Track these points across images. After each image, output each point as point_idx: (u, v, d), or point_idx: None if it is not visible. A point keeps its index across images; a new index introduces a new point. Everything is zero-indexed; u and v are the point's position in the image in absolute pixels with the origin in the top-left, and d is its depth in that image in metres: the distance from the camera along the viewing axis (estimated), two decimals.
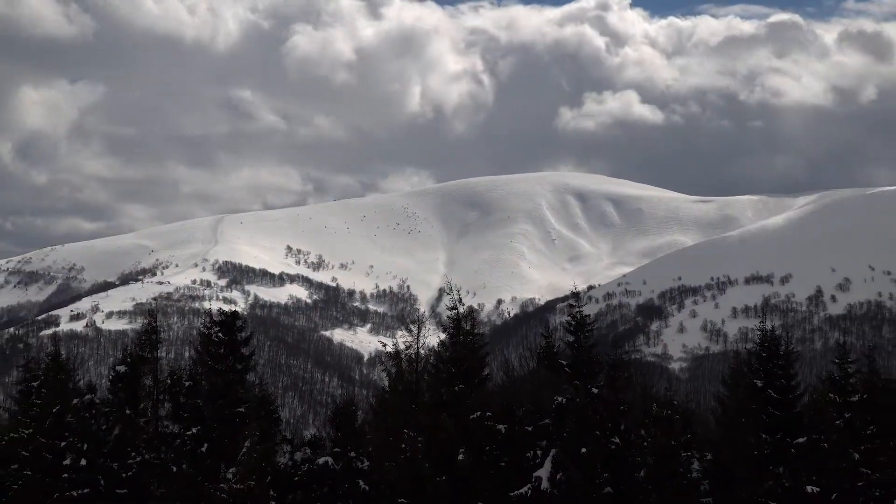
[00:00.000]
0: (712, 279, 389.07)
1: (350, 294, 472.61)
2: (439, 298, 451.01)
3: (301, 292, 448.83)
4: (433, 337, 39.42)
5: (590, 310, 39.52)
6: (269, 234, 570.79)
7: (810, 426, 34.91)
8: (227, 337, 37.71)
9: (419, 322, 39.15)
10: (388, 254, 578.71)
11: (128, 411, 37.03)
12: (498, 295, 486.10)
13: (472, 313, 37.87)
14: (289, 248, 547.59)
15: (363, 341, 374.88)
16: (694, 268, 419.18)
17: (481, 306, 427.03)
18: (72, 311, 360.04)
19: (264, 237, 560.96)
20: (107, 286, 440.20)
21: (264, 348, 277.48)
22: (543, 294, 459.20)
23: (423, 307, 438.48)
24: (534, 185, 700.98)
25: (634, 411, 34.38)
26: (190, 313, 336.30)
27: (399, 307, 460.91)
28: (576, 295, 38.47)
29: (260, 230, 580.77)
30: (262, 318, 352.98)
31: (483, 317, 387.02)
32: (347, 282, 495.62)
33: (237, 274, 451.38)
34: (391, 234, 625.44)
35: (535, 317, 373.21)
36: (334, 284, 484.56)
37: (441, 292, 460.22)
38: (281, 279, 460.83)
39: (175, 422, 37.77)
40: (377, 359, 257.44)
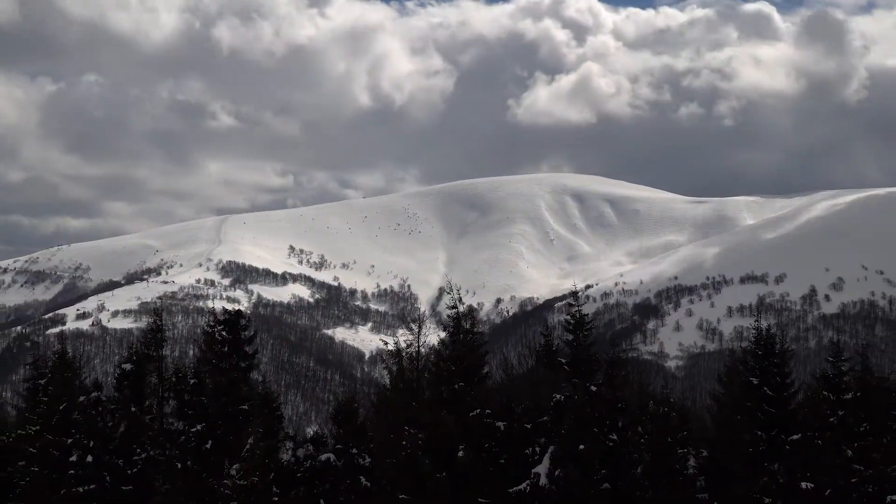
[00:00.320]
0: (708, 279, 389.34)
1: (352, 293, 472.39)
2: (439, 297, 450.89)
3: (303, 291, 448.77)
4: (433, 335, 39.43)
5: (588, 309, 39.28)
6: (272, 235, 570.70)
7: (805, 423, 34.93)
8: (231, 335, 37.76)
9: (420, 321, 39.18)
10: (389, 254, 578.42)
11: (133, 409, 37.06)
12: (497, 294, 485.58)
13: (471, 312, 37.87)
14: (291, 248, 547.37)
15: (364, 340, 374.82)
16: (690, 267, 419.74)
17: (481, 305, 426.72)
18: (78, 310, 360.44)
19: (267, 237, 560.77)
20: (112, 285, 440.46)
21: (267, 347, 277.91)
22: (542, 293, 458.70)
23: (424, 306, 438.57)
24: (532, 186, 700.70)
25: (632, 409, 34.38)
26: (194, 312, 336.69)
27: (400, 306, 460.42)
28: (574, 294, 38.42)
29: (263, 230, 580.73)
30: (266, 316, 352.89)
31: (482, 316, 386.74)
32: (349, 281, 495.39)
33: (241, 273, 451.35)
34: (392, 234, 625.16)
35: (533, 316, 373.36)
36: (336, 284, 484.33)
37: (441, 291, 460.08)
38: (284, 279, 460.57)
39: (180, 419, 37.82)
40: (378, 357, 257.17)
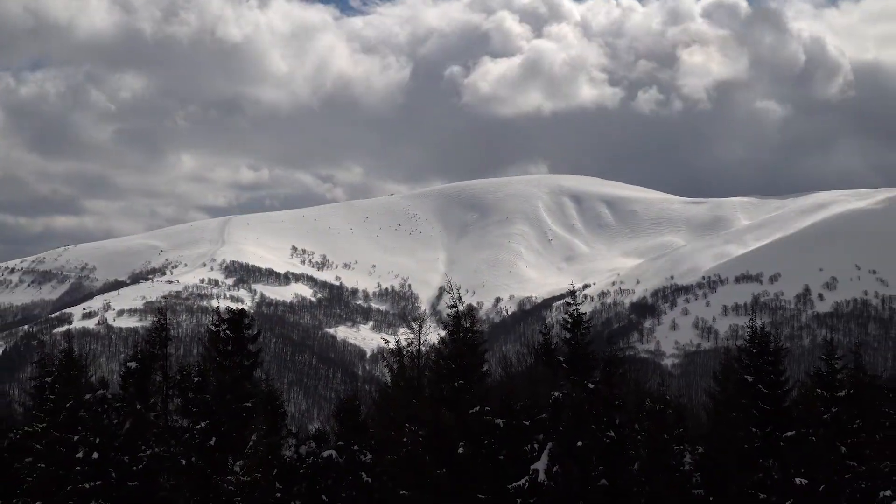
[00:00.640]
0: (704, 278, 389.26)
1: (353, 293, 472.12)
2: (439, 297, 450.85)
3: (306, 291, 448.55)
4: (434, 334, 39.41)
5: (585, 308, 39.28)
6: (275, 235, 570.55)
7: (799, 420, 34.94)
8: (235, 334, 37.74)
9: (420, 320, 39.19)
10: (390, 254, 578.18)
11: (138, 406, 37.05)
12: (496, 293, 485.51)
13: (471, 311, 37.81)
14: (294, 249, 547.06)
15: (366, 338, 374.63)
16: (686, 267, 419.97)
17: (480, 304, 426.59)
18: (84, 309, 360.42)
19: (270, 238, 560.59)
20: (118, 285, 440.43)
21: (270, 345, 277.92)
22: (540, 293, 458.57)
23: (424, 305, 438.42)
24: (530, 188, 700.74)
25: (628, 406, 34.38)
26: (198, 311, 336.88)
27: (401, 305, 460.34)
28: (572, 293, 38.46)
29: (266, 231, 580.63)
30: (269, 315, 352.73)
31: (482, 315, 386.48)
32: (351, 281, 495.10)
33: (244, 273, 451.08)
34: (393, 234, 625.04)
35: (532, 315, 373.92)
36: (338, 283, 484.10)
37: (441, 291, 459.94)
38: (286, 278, 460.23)
39: (184, 416, 37.81)
40: (379, 355, 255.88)
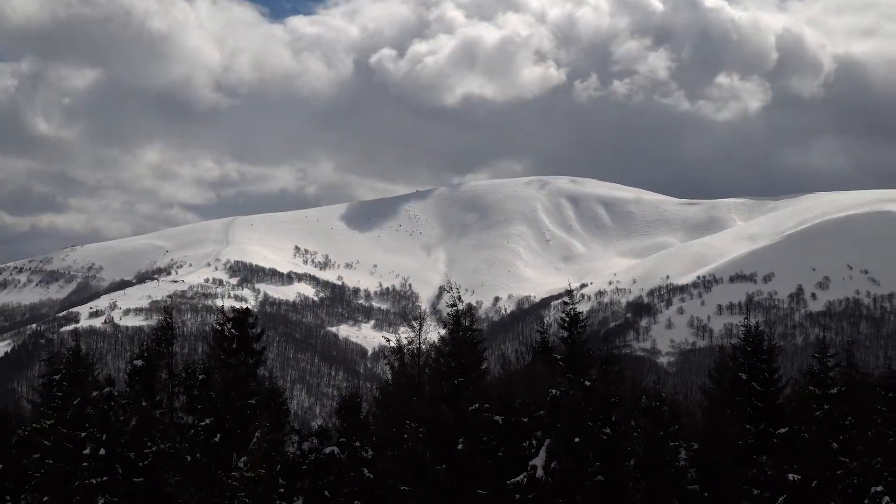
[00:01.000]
0: (699, 278, 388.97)
1: (355, 292, 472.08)
2: (439, 296, 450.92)
3: (308, 290, 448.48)
4: (434, 333, 39.43)
5: (582, 307, 39.29)
6: (278, 235, 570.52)
7: (792, 417, 34.97)
8: (239, 333, 37.71)
9: (420, 319, 39.20)
10: (391, 254, 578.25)
11: (144, 403, 37.05)
12: (495, 293, 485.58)
13: (470, 310, 37.82)
14: (297, 249, 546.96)
15: (367, 337, 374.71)
16: (681, 267, 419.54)
17: (479, 304, 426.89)
18: (91, 308, 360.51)
19: (273, 238, 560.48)
20: (124, 284, 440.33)
21: (273, 344, 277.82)
22: (538, 292, 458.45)
23: (424, 304, 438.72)
24: (529, 189, 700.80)
25: (625, 403, 34.37)
26: (203, 310, 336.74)
27: (401, 304, 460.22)
28: (569, 293, 38.52)
29: (269, 231, 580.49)
30: (272, 314, 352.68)
31: (481, 314, 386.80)
32: (352, 280, 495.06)
33: (248, 273, 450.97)
34: (394, 235, 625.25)
35: (530, 314, 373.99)
36: (340, 283, 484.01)
37: (441, 290, 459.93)
38: (289, 278, 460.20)
39: (189, 413, 37.81)
40: (380, 353, 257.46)
